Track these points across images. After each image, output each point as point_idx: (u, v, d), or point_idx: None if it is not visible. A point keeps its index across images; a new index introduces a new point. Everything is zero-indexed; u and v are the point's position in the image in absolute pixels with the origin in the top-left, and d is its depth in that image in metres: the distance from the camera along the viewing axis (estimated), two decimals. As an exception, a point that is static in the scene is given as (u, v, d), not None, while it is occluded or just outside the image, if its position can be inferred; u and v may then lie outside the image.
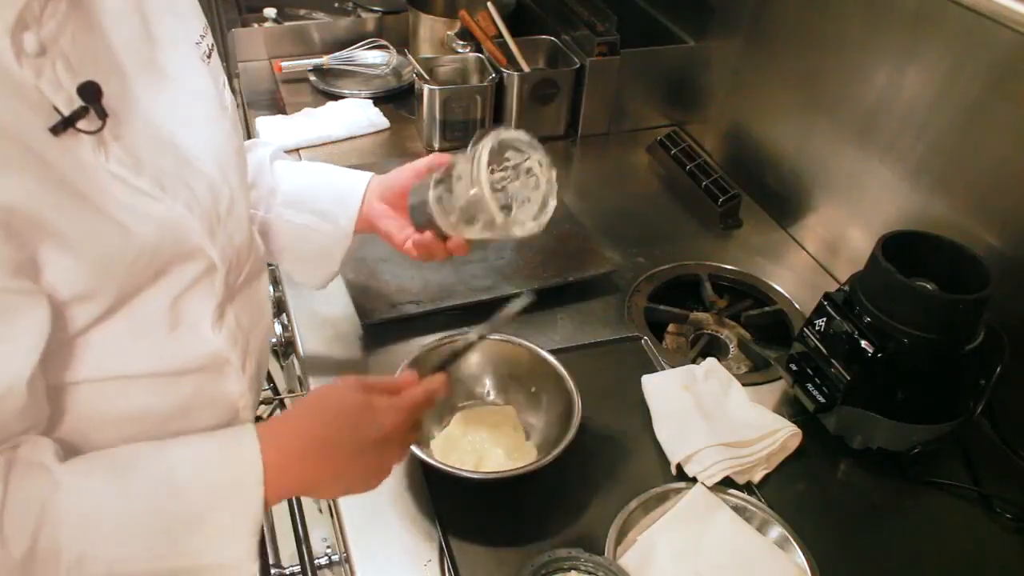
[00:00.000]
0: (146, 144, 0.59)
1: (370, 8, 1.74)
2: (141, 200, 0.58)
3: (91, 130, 0.54)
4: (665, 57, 1.51)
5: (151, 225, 0.59)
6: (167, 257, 0.62)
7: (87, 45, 0.56)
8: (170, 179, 0.60)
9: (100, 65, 0.57)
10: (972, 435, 0.94)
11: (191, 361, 0.66)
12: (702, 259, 1.22)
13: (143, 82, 0.61)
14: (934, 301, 0.84)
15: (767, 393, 1.01)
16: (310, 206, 0.90)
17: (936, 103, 1.02)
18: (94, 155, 0.55)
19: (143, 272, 0.60)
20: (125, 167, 0.57)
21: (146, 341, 0.62)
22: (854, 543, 0.84)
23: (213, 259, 0.64)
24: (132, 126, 0.59)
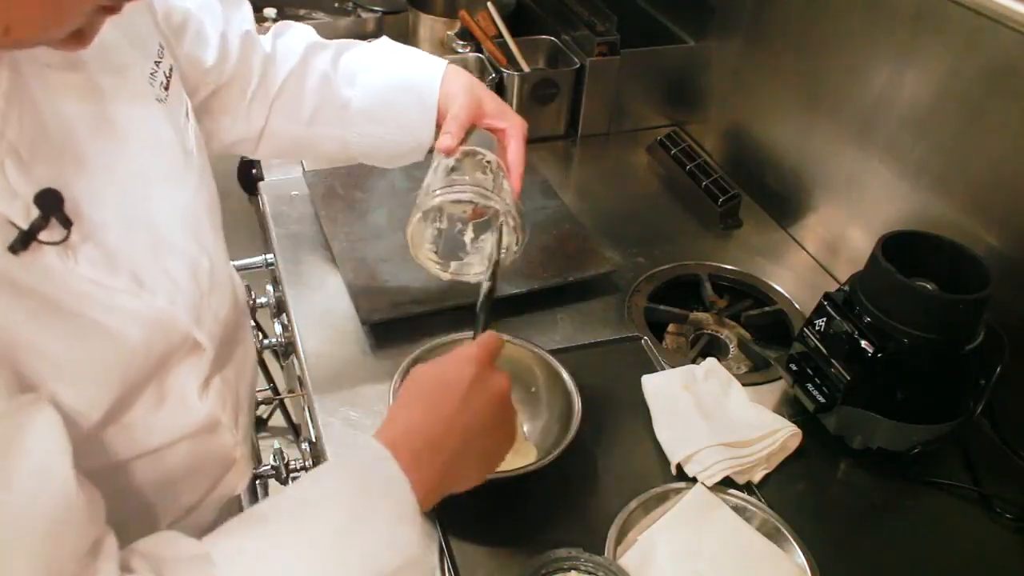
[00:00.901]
0: (116, 232, 0.55)
1: (370, 8, 1.74)
2: (121, 300, 0.54)
3: (55, 241, 0.49)
4: (665, 57, 1.51)
5: (137, 324, 0.55)
6: (159, 354, 0.58)
7: (36, 128, 0.50)
8: (147, 269, 0.56)
9: (52, 148, 0.52)
10: (972, 435, 0.94)
11: (181, 431, 0.64)
12: (702, 259, 1.23)
13: (102, 155, 0.56)
14: (934, 301, 0.84)
15: (767, 393, 1.01)
16: (385, 118, 0.88)
17: (936, 103, 1.02)
18: (62, 262, 0.50)
19: (137, 375, 0.57)
20: (98, 268, 0.52)
21: (130, 430, 0.59)
22: (854, 543, 0.84)
23: (202, 344, 0.62)
24: (98, 212, 0.53)
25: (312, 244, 1.18)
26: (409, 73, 0.89)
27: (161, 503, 0.65)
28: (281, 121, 0.89)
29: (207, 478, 0.70)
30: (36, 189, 0.48)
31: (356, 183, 1.28)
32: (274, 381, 2.01)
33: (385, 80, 0.88)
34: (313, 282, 1.11)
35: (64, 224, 0.49)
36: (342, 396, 0.96)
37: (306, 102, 0.88)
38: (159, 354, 0.58)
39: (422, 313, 1.05)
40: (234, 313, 0.69)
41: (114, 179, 0.56)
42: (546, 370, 0.90)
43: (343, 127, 0.89)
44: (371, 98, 0.88)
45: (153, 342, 0.57)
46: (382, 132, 0.89)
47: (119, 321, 0.53)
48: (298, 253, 1.16)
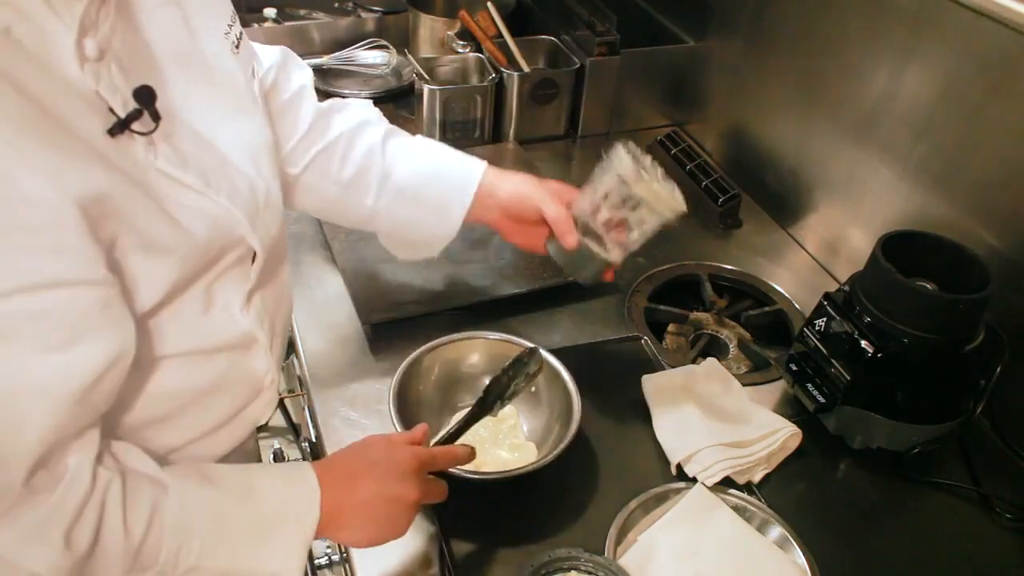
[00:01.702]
0: (189, 142, 0.62)
1: (370, 8, 1.74)
2: (189, 196, 0.61)
3: (145, 131, 0.57)
4: (665, 57, 1.51)
5: (202, 221, 0.62)
6: (216, 250, 0.65)
7: (134, 46, 0.59)
8: (213, 174, 0.63)
9: (145, 65, 0.60)
10: (972, 435, 0.94)
11: (223, 340, 0.69)
12: (702, 259, 1.22)
13: (183, 79, 0.63)
14: (934, 301, 0.84)
15: (767, 393, 1.01)
16: (420, 199, 0.91)
17: (936, 103, 1.02)
18: (145, 154, 0.58)
19: (194, 267, 0.63)
20: (174, 165, 0.59)
21: (182, 323, 0.65)
22: (854, 543, 0.84)
23: (255, 248, 0.68)
24: (175, 124, 0.61)
25: (312, 244, 1.18)
26: (451, 163, 0.93)
27: (189, 414, 0.70)
28: (318, 176, 0.91)
29: (236, 398, 0.74)
30: (134, 86, 0.56)
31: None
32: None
33: (427, 164, 0.92)
34: (313, 282, 1.11)
35: (154, 118, 0.57)
36: (342, 396, 0.96)
37: (348, 165, 0.90)
38: (217, 249, 0.65)
39: (422, 313, 1.05)
40: (280, 238, 0.75)
41: (191, 101, 0.63)
42: (546, 370, 0.90)
43: (376, 198, 0.91)
44: (412, 178, 0.91)
45: (214, 238, 0.63)
46: (413, 212, 0.92)
47: (188, 216, 0.60)
48: (298, 253, 1.16)
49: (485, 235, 1.18)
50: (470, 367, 0.93)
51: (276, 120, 0.86)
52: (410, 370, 0.88)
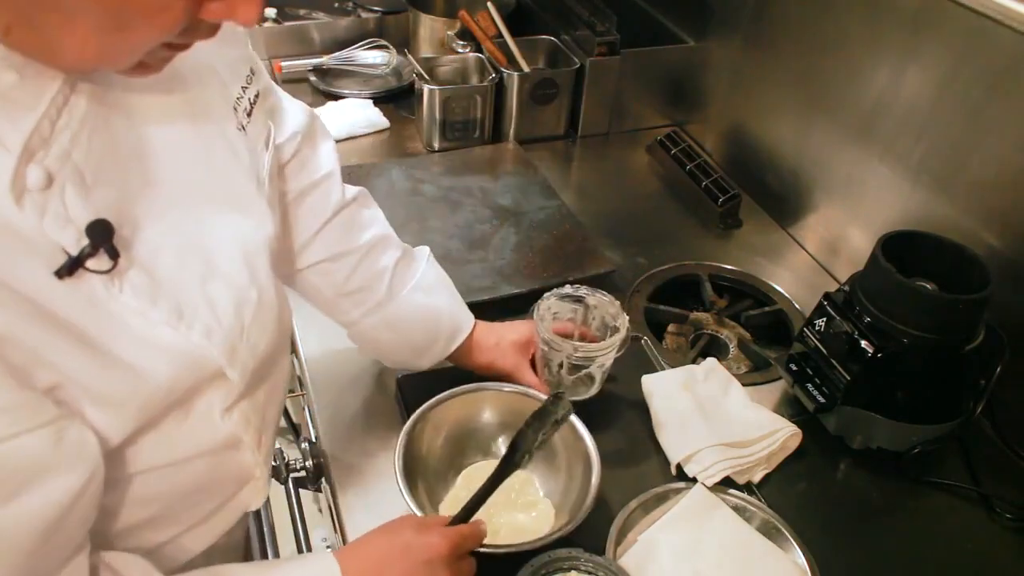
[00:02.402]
0: (168, 257, 0.55)
1: (370, 8, 1.74)
2: (157, 331, 0.54)
3: (101, 270, 0.49)
4: (665, 57, 1.51)
5: (165, 362, 0.55)
6: (184, 389, 0.59)
7: (106, 145, 0.51)
8: (190, 299, 0.56)
9: (121, 165, 0.52)
10: (972, 435, 0.94)
11: (203, 447, 0.64)
12: (702, 259, 1.23)
13: (170, 172, 0.56)
14: (934, 301, 0.84)
15: (767, 393, 1.01)
16: (404, 336, 0.89)
17: (936, 103, 1.02)
18: (106, 290, 0.50)
19: (157, 408, 0.57)
20: (141, 297, 0.52)
21: (156, 437, 0.59)
22: (854, 543, 0.84)
23: (231, 379, 0.61)
24: (153, 236, 0.54)
25: (312, 244, 1.17)
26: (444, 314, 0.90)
27: (175, 511, 0.65)
28: (321, 278, 0.86)
29: (223, 492, 0.70)
30: (92, 216, 0.48)
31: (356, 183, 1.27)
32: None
33: (424, 309, 0.89)
34: (313, 282, 1.11)
35: (111, 255, 0.49)
36: (342, 396, 0.96)
37: (355, 279, 0.86)
38: (185, 388, 0.58)
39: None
40: (274, 345, 0.67)
41: (181, 202, 0.57)
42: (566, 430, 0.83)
43: (364, 315, 0.88)
44: (406, 316, 0.88)
45: (180, 377, 0.57)
46: (391, 343, 0.90)
47: (148, 357, 0.53)
48: (298, 253, 1.15)
49: (485, 235, 1.18)
50: (481, 422, 0.88)
51: (294, 205, 0.81)
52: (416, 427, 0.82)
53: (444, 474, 0.84)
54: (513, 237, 1.19)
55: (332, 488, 0.87)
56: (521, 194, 1.28)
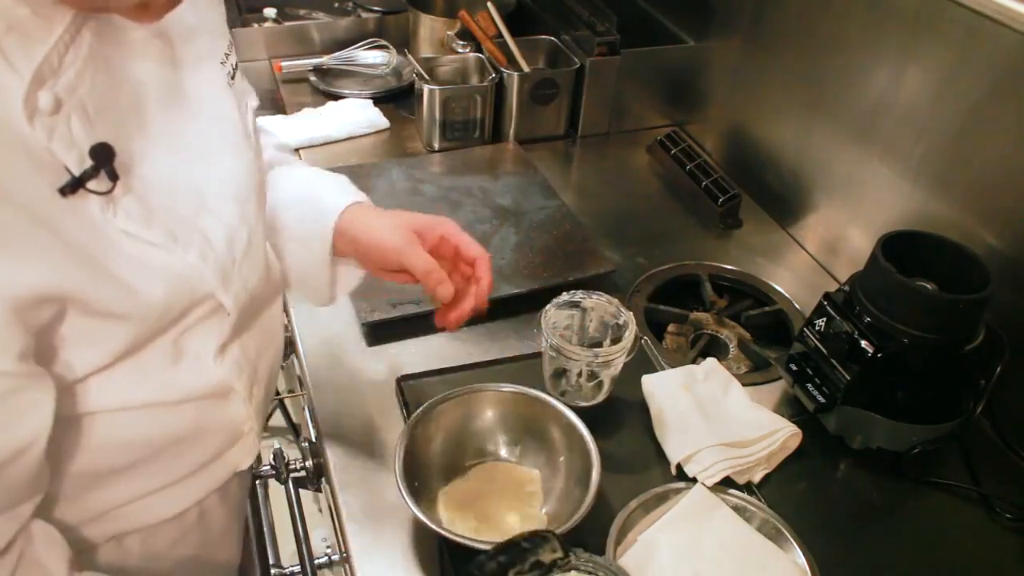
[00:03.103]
0: (162, 188, 0.58)
1: (370, 8, 1.74)
2: (151, 253, 0.56)
3: (101, 191, 0.53)
4: (665, 57, 1.51)
5: (161, 281, 0.57)
6: (178, 310, 0.61)
7: (107, 87, 0.54)
8: (183, 227, 0.59)
9: (119, 106, 0.56)
10: (972, 435, 0.94)
11: (193, 391, 0.65)
12: (702, 259, 1.23)
13: (165, 116, 0.59)
14: (934, 301, 0.84)
15: (767, 393, 1.01)
16: (280, 228, 0.82)
17: (936, 103, 1.02)
18: (103, 212, 0.53)
19: (153, 327, 0.59)
20: (135, 221, 0.55)
21: (147, 375, 0.61)
22: (854, 543, 0.84)
23: (225, 305, 0.63)
24: (148, 171, 0.57)
25: (312, 244, 1.17)
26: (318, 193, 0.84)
27: (155, 463, 0.66)
28: None
29: (212, 445, 0.70)
30: (94, 142, 0.52)
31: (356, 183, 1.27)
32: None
33: (293, 192, 0.83)
34: (313, 282, 1.11)
35: (111, 177, 0.53)
36: (342, 396, 0.96)
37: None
38: (180, 309, 0.61)
39: (420, 313, 1.05)
40: (264, 286, 0.70)
41: (175, 142, 0.59)
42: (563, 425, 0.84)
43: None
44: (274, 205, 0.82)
45: (174, 299, 0.59)
46: (277, 240, 0.82)
47: (145, 277, 0.56)
48: (298, 253, 1.15)
49: (484, 235, 1.18)
50: (481, 422, 0.87)
51: None
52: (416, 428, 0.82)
53: (444, 474, 0.84)
54: (513, 237, 1.19)
55: (332, 488, 0.87)
56: (521, 194, 1.28)
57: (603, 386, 0.92)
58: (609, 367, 0.90)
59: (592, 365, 0.89)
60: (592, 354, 0.88)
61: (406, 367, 0.98)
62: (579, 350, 0.88)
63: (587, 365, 0.89)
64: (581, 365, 0.89)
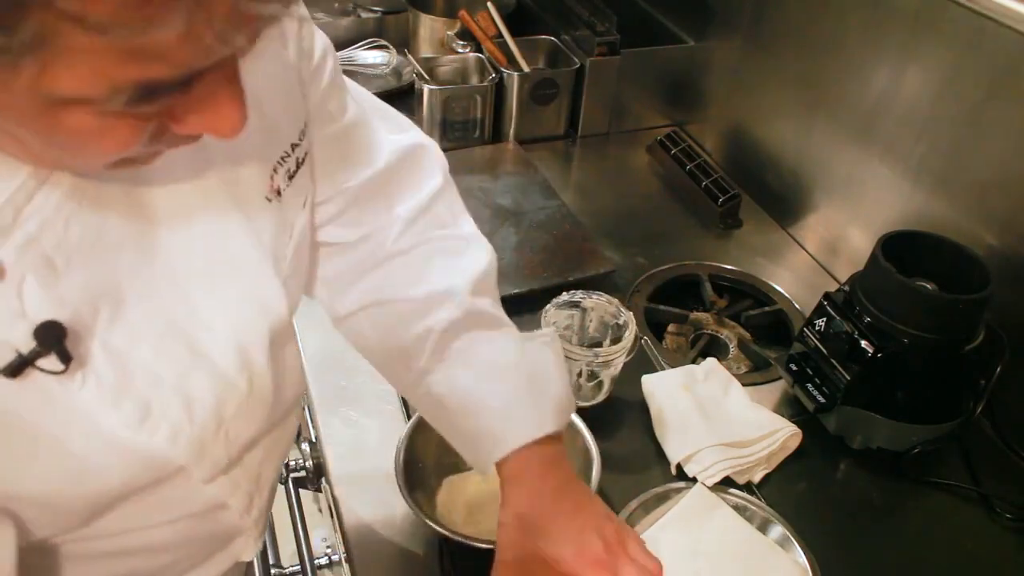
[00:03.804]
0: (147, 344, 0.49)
1: (370, 8, 1.74)
2: (112, 432, 0.48)
3: (54, 371, 0.44)
4: (665, 57, 1.51)
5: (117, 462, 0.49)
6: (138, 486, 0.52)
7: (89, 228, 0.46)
8: (161, 396, 0.50)
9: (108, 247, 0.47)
10: (972, 435, 0.94)
11: (181, 512, 0.58)
12: (702, 259, 1.22)
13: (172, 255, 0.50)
14: (934, 301, 0.84)
15: (767, 393, 1.01)
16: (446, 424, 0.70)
17: (936, 103, 1.02)
18: (62, 386, 0.45)
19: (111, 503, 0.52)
20: (104, 394, 0.47)
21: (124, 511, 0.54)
22: (854, 542, 0.84)
23: (196, 478, 0.55)
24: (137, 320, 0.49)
25: (312, 244, 1.17)
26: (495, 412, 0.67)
27: (157, 564, 0.61)
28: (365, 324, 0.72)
29: (210, 547, 0.64)
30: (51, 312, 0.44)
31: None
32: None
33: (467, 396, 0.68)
34: (313, 282, 1.11)
35: (63, 359, 0.44)
36: (342, 396, 0.96)
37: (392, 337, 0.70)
38: (139, 486, 0.52)
39: (422, 313, 1.04)
40: (266, 427, 0.60)
41: (174, 284, 0.51)
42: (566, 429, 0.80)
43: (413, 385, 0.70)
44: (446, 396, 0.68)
45: (133, 479, 0.51)
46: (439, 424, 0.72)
47: (102, 453, 0.49)
48: (298, 253, 1.15)
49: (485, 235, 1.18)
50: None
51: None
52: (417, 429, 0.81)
53: (444, 474, 0.84)
54: (513, 237, 1.19)
55: (332, 488, 0.87)
56: (521, 194, 1.28)
57: (603, 386, 0.92)
58: (609, 367, 0.90)
59: (592, 365, 0.89)
60: (592, 354, 0.88)
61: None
62: (579, 350, 0.88)
63: (587, 365, 0.89)
64: (581, 365, 0.89)
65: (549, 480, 0.65)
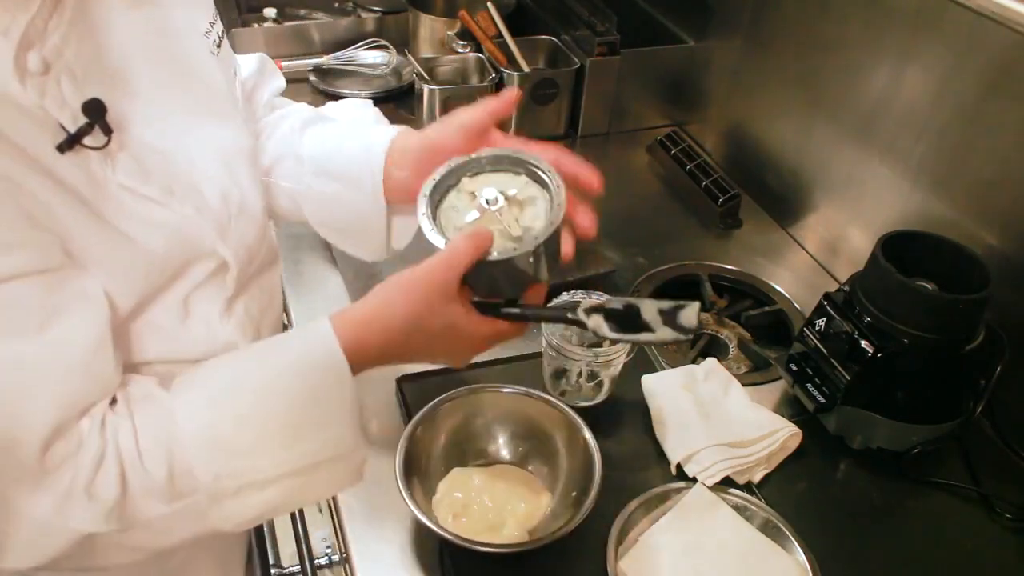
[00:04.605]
0: (153, 150, 0.60)
1: (370, 8, 1.74)
2: (150, 208, 0.60)
3: (97, 146, 0.56)
4: (665, 57, 1.51)
5: (161, 234, 0.60)
6: (180, 262, 0.63)
7: (92, 53, 0.57)
8: (179, 183, 0.62)
9: (106, 72, 0.58)
10: (972, 435, 0.94)
11: (203, 350, 0.67)
12: (702, 259, 1.23)
13: (151, 83, 0.62)
14: (934, 301, 0.84)
15: (767, 393, 1.01)
16: (332, 171, 0.81)
17: (936, 103, 1.02)
18: (101, 168, 0.56)
19: (158, 279, 0.62)
20: (133, 177, 0.58)
21: (159, 332, 0.64)
22: (854, 542, 0.84)
23: (226, 258, 0.66)
24: (139, 134, 0.60)
25: (312, 244, 1.17)
26: (361, 132, 0.82)
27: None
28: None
29: None
30: (85, 100, 0.55)
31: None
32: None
33: (337, 134, 0.83)
34: (313, 282, 1.11)
35: (105, 131, 0.56)
36: (342, 396, 0.95)
37: (266, 153, 0.84)
38: (180, 262, 0.63)
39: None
40: (261, 243, 0.72)
41: (163, 106, 0.62)
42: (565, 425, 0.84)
43: (295, 180, 0.83)
44: (320, 148, 0.82)
45: (174, 251, 0.62)
46: (327, 187, 0.81)
47: (145, 229, 0.59)
48: (298, 253, 1.16)
49: (485, 235, 1.18)
50: (482, 423, 0.87)
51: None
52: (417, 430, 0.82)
53: (444, 475, 0.84)
54: (513, 237, 1.19)
55: (332, 488, 0.87)
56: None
57: (603, 386, 0.92)
58: (609, 367, 0.90)
59: (592, 365, 0.89)
60: (592, 354, 0.88)
61: (406, 367, 0.98)
62: (579, 350, 0.88)
63: (587, 365, 0.89)
64: (581, 365, 0.89)
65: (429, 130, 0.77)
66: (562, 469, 0.84)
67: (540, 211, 0.69)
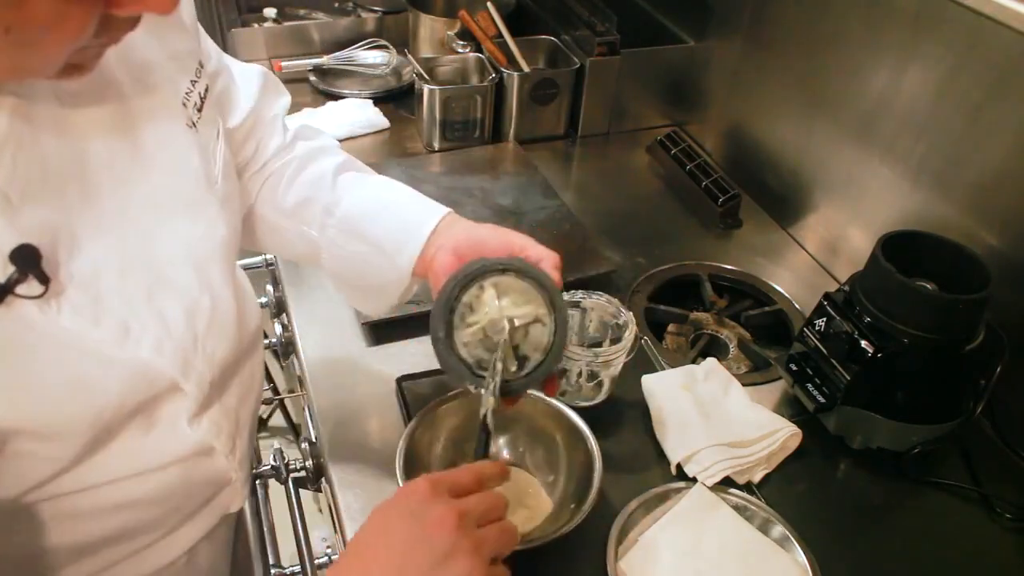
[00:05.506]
0: (112, 273, 0.53)
1: (370, 8, 1.74)
2: (101, 351, 0.52)
3: (32, 295, 0.47)
4: (665, 57, 1.51)
5: (114, 379, 0.54)
6: (137, 403, 0.57)
7: (37, 160, 0.49)
8: (137, 314, 0.54)
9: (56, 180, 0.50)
10: (972, 435, 0.94)
11: (170, 456, 0.62)
12: (702, 259, 1.23)
13: (111, 180, 0.54)
14: (934, 301, 0.84)
15: (767, 393, 1.01)
16: (366, 234, 0.76)
17: (936, 103, 1.02)
18: (42, 313, 0.48)
19: (115, 419, 0.55)
20: (82, 317, 0.51)
21: (120, 449, 0.57)
22: (854, 542, 0.84)
23: (187, 392, 0.59)
24: (96, 254, 0.52)
25: (312, 244, 1.17)
26: (406, 203, 0.79)
27: (149, 518, 0.64)
28: (262, 204, 0.81)
29: (199, 497, 0.68)
30: (18, 240, 0.46)
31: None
32: (274, 381, 2.01)
33: (375, 198, 0.79)
34: (313, 282, 1.11)
35: (41, 280, 0.47)
36: (342, 396, 0.96)
37: (292, 192, 0.80)
38: (137, 402, 0.57)
39: (420, 313, 1.04)
40: (236, 351, 0.65)
41: (125, 212, 0.55)
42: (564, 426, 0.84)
43: (319, 229, 0.79)
44: (356, 208, 0.78)
45: (130, 393, 0.55)
46: (358, 249, 0.77)
47: (98, 373, 0.52)
48: (298, 253, 1.15)
49: (485, 235, 1.18)
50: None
51: (244, 144, 0.79)
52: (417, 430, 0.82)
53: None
54: (513, 237, 1.19)
55: (332, 488, 0.87)
56: (521, 194, 1.28)
57: (603, 386, 0.92)
58: (609, 367, 0.90)
59: (592, 365, 0.89)
60: (592, 354, 0.88)
61: (406, 367, 0.98)
62: (579, 350, 0.88)
63: (587, 365, 0.89)
64: (581, 365, 0.89)
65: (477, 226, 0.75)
66: (562, 469, 0.84)
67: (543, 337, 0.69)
